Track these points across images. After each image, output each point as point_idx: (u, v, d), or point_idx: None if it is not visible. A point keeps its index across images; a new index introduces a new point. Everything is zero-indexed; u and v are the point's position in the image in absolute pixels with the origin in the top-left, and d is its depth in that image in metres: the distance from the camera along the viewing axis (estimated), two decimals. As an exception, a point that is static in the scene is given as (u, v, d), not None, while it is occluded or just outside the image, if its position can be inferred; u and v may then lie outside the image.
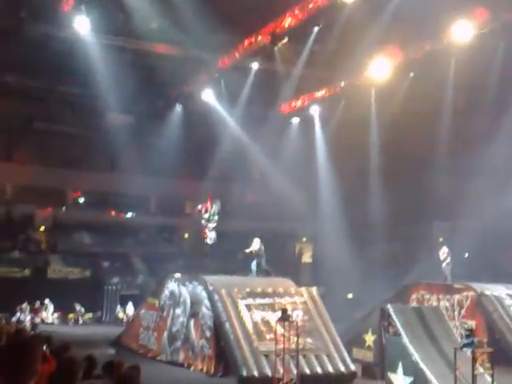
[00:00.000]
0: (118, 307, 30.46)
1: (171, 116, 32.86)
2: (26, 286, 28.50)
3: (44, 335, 9.78)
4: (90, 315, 29.74)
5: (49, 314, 29.04)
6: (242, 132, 32.01)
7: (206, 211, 22.73)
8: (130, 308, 28.98)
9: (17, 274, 30.60)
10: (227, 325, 17.34)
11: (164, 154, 30.92)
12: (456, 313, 19.01)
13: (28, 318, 27.42)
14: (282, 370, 15.11)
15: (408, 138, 29.48)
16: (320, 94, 30.21)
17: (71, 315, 29.20)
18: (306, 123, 32.63)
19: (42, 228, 33.70)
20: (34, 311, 28.45)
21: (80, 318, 29.30)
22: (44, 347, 7.74)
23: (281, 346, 15.39)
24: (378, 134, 30.16)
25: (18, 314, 27.41)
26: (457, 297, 19.34)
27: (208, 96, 30.33)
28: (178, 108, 32.64)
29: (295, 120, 33.51)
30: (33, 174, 33.68)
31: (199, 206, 23.53)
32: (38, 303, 28.65)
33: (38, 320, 27.08)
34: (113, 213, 35.40)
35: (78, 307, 29.37)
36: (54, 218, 33.82)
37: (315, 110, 31.86)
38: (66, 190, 36.45)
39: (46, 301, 28.91)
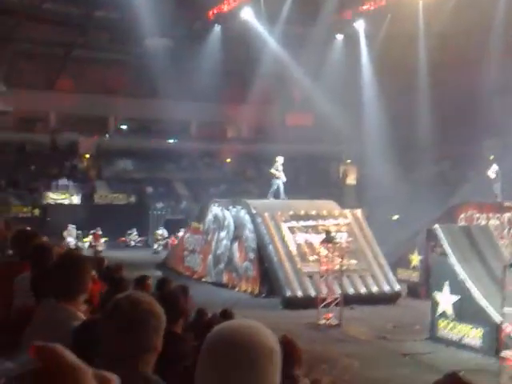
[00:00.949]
0: (134, 231, 30.29)
1: (210, 38, 32.08)
2: (75, 211, 28.99)
3: (94, 258, 9.90)
4: (105, 239, 29.17)
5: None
6: (282, 51, 31.05)
7: None
8: (164, 232, 29.19)
9: (65, 200, 31.18)
10: (270, 247, 17.36)
11: (204, 77, 30.38)
12: (506, 231, 18.48)
13: (87, 244, 27.39)
14: (325, 291, 15.10)
15: (458, 54, 28.04)
16: (365, 7, 28.80)
17: (86, 239, 28.58)
18: (351, 40, 31.36)
19: (87, 155, 34.08)
20: (95, 237, 28.16)
21: (94, 242, 28.36)
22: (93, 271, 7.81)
23: (324, 268, 15.34)
24: (427, 50, 28.78)
25: (69, 238, 27.45)
26: (507, 215, 18.75)
27: (247, 14, 29.33)
28: (217, 29, 31.77)
29: (339, 37, 32.22)
30: (75, 102, 33.75)
31: None
32: (98, 229, 28.29)
33: (100, 247, 26.65)
34: (155, 139, 35.43)
35: (99, 231, 28.63)
36: (97, 145, 34.10)
37: (360, 25, 30.44)
38: (109, 117, 36.53)
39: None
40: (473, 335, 12.03)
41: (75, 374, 1.04)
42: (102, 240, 28.27)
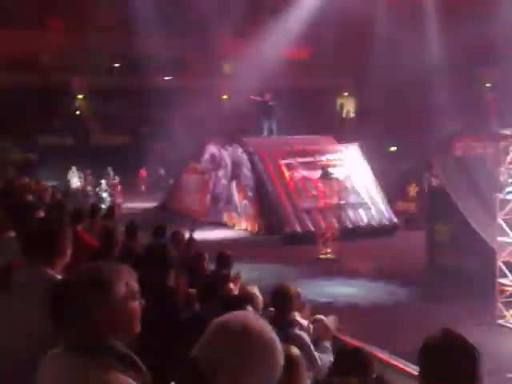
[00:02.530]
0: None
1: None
2: (71, 154, 28.61)
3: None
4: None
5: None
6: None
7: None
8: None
9: (60, 142, 30.81)
10: (268, 184, 17.45)
11: (198, 10, 29.53)
12: (501, 159, 18.49)
13: (104, 194, 23.93)
14: (324, 226, 15.31)
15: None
16: None
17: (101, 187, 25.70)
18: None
19: (80, 96, 33.65)
20: (113, 188, 24.47)
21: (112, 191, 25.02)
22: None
23: (322, 203, 15.50)
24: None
25: (74, 180, 25.52)
26: (503, 143, 18.72)
27: None
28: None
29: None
30: (65, 41, 32.98)
31: None
32: (116, 178, 25.19)
33: (119, 199, 23.01)
34: (148, 77, 34.82)
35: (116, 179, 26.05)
36: (90, 85, 33.56)
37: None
38: (101, 55, 35.73)
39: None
40: (469, 263, 12.27)
41: None
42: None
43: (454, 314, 9.43)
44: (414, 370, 5.81)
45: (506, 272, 9.71)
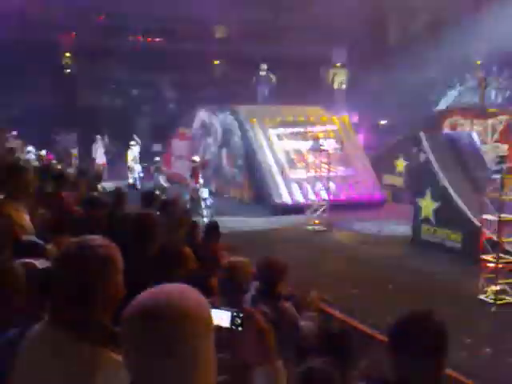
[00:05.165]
0: None
1: None
2: (58, 115, 28.14)
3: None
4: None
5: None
6: None
7: None
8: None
9: (47, 100, 30.17)
10: (259, 154, 17.57)
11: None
12: (489, 137, 18.77)
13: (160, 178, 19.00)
14: (313, 197, 15.54)
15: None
16: None
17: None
18: None
19: (68, 54, 33.06)
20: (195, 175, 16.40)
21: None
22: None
23: (312, 174, 15.70)
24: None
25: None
26: (490, 121, 18.98)
27: None
28: None
29: None
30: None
31: None
32: (203, 156, 18.88)
33: (205, 192, 15.86)
34: (140, 38, 34.23)
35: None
36: (77, 43, 32.90)
37: None
38: (89, 12, 34.90)
39: None
40: (453, 239, 12.59)
41: None
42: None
43: (435, 289, 9.74)
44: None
45: (489, 248, 9.99)
